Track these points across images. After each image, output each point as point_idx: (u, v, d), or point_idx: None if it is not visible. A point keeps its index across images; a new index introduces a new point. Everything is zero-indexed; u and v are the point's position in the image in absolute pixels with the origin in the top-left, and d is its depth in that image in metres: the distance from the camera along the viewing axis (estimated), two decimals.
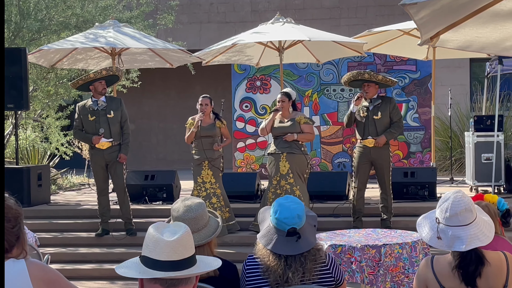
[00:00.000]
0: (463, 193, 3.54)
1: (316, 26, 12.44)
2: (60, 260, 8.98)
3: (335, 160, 13.66)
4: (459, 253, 3.47)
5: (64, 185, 14.04)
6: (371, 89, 8.96)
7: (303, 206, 3.82)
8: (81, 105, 9.32)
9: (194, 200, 3.75)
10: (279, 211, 3.74)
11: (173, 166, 15.40)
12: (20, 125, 13.73)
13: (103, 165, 9.21)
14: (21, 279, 2.87)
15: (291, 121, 8.86)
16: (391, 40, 11.80)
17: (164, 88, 19.64)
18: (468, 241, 3.43)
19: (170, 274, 2.60)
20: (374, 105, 8.96)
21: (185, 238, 2.65)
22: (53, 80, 13.42)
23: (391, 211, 9.08)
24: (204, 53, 11.19)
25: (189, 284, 2.67)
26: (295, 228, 3.71)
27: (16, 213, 2.95)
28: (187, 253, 2.64)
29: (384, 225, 8.87)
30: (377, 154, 8.91)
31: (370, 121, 8.94)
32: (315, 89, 13.74)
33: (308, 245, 3.73)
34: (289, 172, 8.78)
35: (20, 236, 2.94)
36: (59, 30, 12.68)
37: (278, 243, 3.72)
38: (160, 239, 2.63)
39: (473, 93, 16.61)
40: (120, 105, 9.31)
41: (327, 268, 3.82)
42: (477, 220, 3.49)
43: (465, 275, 3.46)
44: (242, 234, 9.04)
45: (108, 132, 9.13)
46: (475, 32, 4.13)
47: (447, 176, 13.17)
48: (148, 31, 13.41)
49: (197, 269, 2.66)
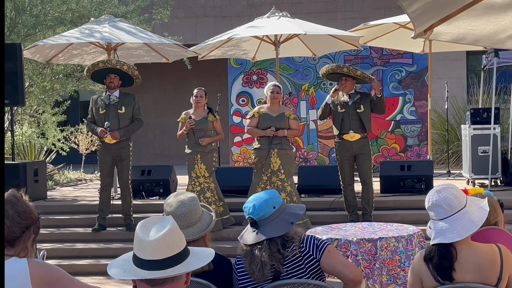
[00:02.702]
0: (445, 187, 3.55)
1: (312, 19, 12.43)
2: (57, 256, 8.98)
3: (332, 154, 13.64)
4: (431, 246, 3.57)
5: (61, 180, 14.03)
6: (349, 83, 8.92)
7: (268, 199, 3.84)
8: (95, 98, 9.40)
9: (187, 195, 3.74)
10: (247, 201, 3.92)
11: (169, 161, 15.42)
12: (16, 121, 13.71)
13: (110, 159, 9.22)
14: (21, 278, 2.86)
15: (281, 115, 8.82)
16: (387, 34, 11.79)
17: (161, 83, 19.62)
18: (435, 235, 3.51)
19: (153, 274, 2.56)
20: (354, 100, 8.92)
21: (168, 237, 2.59)
22: (49, 75, 13.39)
23: (372, 204, 9.02)
24: (200, 47, 11.18)
25: (177, 282, 2.63)
26: (252, 218, 3.81)
27: (28, 210, 2.99)
28: (170, 252, 2.58)
29: (365, 219, 8.83)
30: (359, 148, 8.90)
31: (352, 116, 8.89)
32: (312, 83, 13.72)
33: (262, 236, 3.77)
34: (280, 168, 8.76)
35: (25, 232, 2.95)
36: (54, 25, 12.65)
37: (244, 233, 3.90)
38: (142, 238, 2.59)
39: (469, 86, 16.61)
40: (133, 101, 9.32)
41: (307, 251, 3.79)
42: (454, 216, 3.50)
43: (439, 268, 3.51)
44: (239, 229, 9.01)
45: (116, 127, 9.13)
46: (469, 25, 4.12)
47: (444, 169, 13.18)
48: (144, 25, 13.38)
49: (183, 268, 2.60)
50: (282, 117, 8.80)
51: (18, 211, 2.95)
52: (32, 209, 3.01)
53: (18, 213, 2.95)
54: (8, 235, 2.92)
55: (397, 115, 13.43)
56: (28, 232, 2.97)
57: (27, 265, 2.90)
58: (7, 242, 2.93)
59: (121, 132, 9.12)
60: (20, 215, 2.95)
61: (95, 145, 15.05)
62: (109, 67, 9.24)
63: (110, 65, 9.26)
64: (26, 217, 2.97)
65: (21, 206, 2.97)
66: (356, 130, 8.86)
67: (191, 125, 9.00)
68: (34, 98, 13.61)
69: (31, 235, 2.99)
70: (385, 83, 13.47)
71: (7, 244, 2.93)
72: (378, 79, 13.46)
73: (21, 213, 2.96)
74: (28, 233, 2.97)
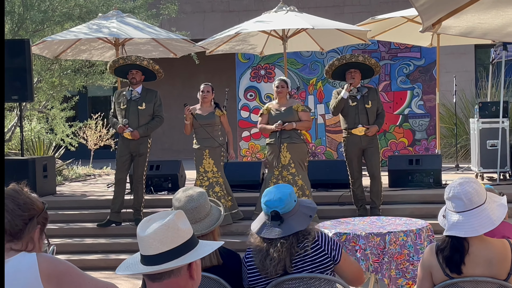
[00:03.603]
0: (463, 182, 3.54)
1: (319, 14, 12.42)
2: (66, 251, 9.02)
3: (340, 148, 13.63)
4: (444, 237, 3.54)
5: (69, 176, 14.07)
6: (357, 75, 8.91)
7: (289, 192, 3.83)
8: (118, 93, 9.48)
9: (195, 190, 3.75)
10: (265, 195, 3.86)
11: (178, 156, 15.42)
12: (25, 117, 13.75)
13: (127, 154, 9.26)
14: (30, 273, 2.86)
15: (289, 109, 8.82)
16: (395, 27, 11.75)
17: (169, 78, 19.54)
18: (450, 226, 3.49)
19: (147, 269, 2.57)
20: (362, 94, 8.91)
21: (160, 232, 2.58)
22: (57, 71, 13.43)
23: (380, 198, 9.02)
24: (208, 42, 11.18)
25: (174, 277, 2.61)
26: (277, 212, 3.76)
27: (29, 202, 2.99)
28: (164, 247, 2.57)
29: (374, 213, 8.83)
30: (367, 142, 8.90)
31: (361, 110, 8.88)
32: (320, 78, 13.71)
33: (289, 230, 3.75)
34: (290, 162, 8.76)
35: (28, 224, 2.95)
36: (62, 21, 12.67)
37: (262, 227, 3.82)
38: (138, 234, 2.62)
39: (478, 79, 16.56)
40: (155, 98, 9.34)
41: (320, 247, 3.80)
42: (473, 211, 3.49)
43: (449, 261, 3.50)
44: (247, 223, 9.00)
45: (136, 124, 9.16)
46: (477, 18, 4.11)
47: (452, 163, 13.15)
48: (152, 21, 13.39)
49: (176, 263, 2.59)
50: (290, 110, 8.80)
51: (19, 203, 2.96)
52: (34, 201, 3.02)
53: (19, 205, 2.96)
54: (11, 228, 2.93)
55: (405, 109, 13.41)
56: (31, 223, 2.97)
57: (36, 260, 2.90)
58: (11, 236, 2.93)
59: (141, 131, 9.18)
60: (20, 207, 2.96)
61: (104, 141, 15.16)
62: (129, 63, 9.29)
63: (129, 61, 9.32)
64: (28, 209, 2.98)
65: (22, 198, 2.98)
66: (364, 125, 8.85)
67: (189, 111, 9.04)
68: (43, 94, 13.64)
69: (35, 226, 2.99)
70: (393, 77, 13.45)
71: (12, 238, 2.93)
72: (386, 73, 13.45)
73: (22, 205, 2.97)
74: (32, 224, 2.97)
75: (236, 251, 3.95)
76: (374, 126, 8.87)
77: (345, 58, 8.92)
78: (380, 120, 9.00)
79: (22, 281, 2.85)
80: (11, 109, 14.05)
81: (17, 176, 4.58)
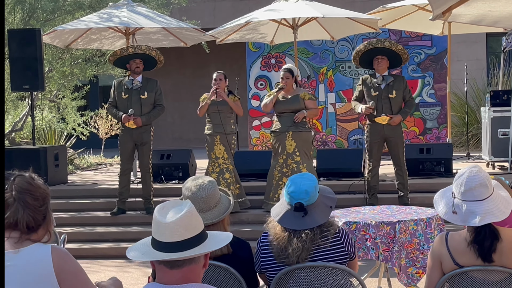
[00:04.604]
0: (479, 168, 3.53)
1: (330, 2, 12.36)
2: (78, 239, 9.07)
3: (351, 137, 13.64)
4: (473, 228, 3.48)
5: (81, 165, 14.14)
6: (384, 62, 8.85)
7: (314, 183, 3.83)
8: (117, 82, 9.42)
9: (205, 179, 3.76)
10: (290, 184, 3.84)
11: (188, 145, 15.46)
12: (36, 106, 13.80)
13: (131, 144, 9.27)
14: (43, 264, 2.84)
15: (295, 97, 8.83)
16: (406, 16, 11.70)
17: (179, 67, 19.64)
18: (482, 216, 3.43)
19: (170, 256, 2.59)
20: (387, 83, 8.86)
21: (185, 219, 2.62)
22: (68, 60, 13.46)
23: (407, 187, 9.05)
24: (218, 31, 11.18)
25: (195, 264, 2.66)
26: (302, 204, 3.76)
27: (44, 193, 2.93)
28: (188, 234, 2.61)
29: (402, 201, 8.84)
30: (391, 131, 8.84)
31: (384, 99, 8.84)
32: (330, 66, 13.68)
33: (313, 223, 3.76)
34: (295, 151, 8.76)
35: (46, 216, 2.92)
36: (73, 10, 12.69)
37: (285, 216, 3.81)
38: (160, 221, 2.62)
39: (489, 68, 16.48)
40: (156, 87, 9.35)
41: (340, 242, 3.84)
42: (493, 195, 3.48)
43: (481, 250, 3.46)
44: (257, 212, 9.06)
45: (139, 113, 9.17)
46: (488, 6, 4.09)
47: (463, 152, 13.12)
48: (162, 10, 13.39)
49: (200, 250, 2.63)
50: (297, 98, 8.79)
51: (37, 197, 2.89)
52: (40, 185, 2.93)
53: (37, 199, 2.89)
54: (32, 223, 2.87)
55: (416, 97, 13.36)
56: (48, 214, 2.93)
57: (51, 253, 2.86)
58: (29, 229, 2.87)
59: (144, 118, 9.17)
60: (37, 200, 2.89)
61: (115, 130, 15.19)
62: (139, 52, 9.29)
63: (140, 50, 9.29)
64: (44, 202, 2.92)
65: (38, 191, 2.91)
66: (388, 114, 8.79)
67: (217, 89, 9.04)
68: (54, 83, 13.68)
69: (51, 214, 2.95)
70: (404, 66, 13.36)
71: (29, 231, 2.87)
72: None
73: (40, 199, 2.90)
74: (49, 214, 2.93)
75: (246, 240, 3.96)
76: (397, 116, 8.79)
77: (371, 43, 8.85)
78: (406, 109, 8.88)
79: (35, 272, 2.83)
80: (23, 99, 14.10)
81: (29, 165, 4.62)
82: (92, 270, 7.94)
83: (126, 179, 9.42)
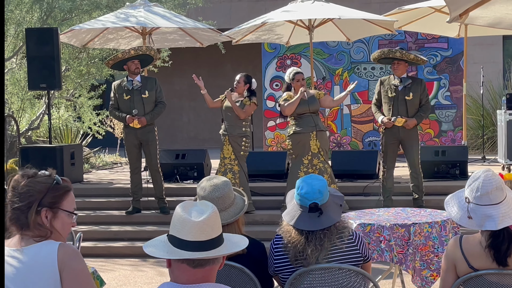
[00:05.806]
0: (493, 172, 3.53)
1: (346, 4, 12.35)
2: (93, 238, 9.12)
3: (366, 139, 13.62)
4: (490, 232, 3.46)
5: (96, 163, 14.20)
6: (401, 67, 8.86)
7: (325, 183, 3.86)
8: (117, 84, 9.44)
9: (220, 179, 3.77)
10: (301, 187, 3.84)
11: (204, 145, 15.49)
12: (53, 105, 13.88)
13: (136, 144, 9.32)
14: (48, 260, 2.84)
15: (312, 97, 8.91)
16: (422, 18, 11.67)
17: (195, 67, 19.65)
18: (500, 219, 3.42)
19: (197, 255, 2.59)
20: (405, 85, 8.85)
21: (212, 218, 2.63)
22: (85, 59, 13.53)
23: (422, 189, 9.03)
24: (234, 32, 11.20)
25: (216, 264, 2.67)
26: (317, 204, 3.77)
27: (29, 190, 2.89)
28: (214, 233, 2.62)
29: (417, 204, 8.82)
30: (406, 134, 8.83)
31: (401, 101, 8.83)
32: (346, 68, 13.67)
33: (329, 221, 3.77)
34: (320, 150, 8.82)
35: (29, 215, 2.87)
36: (90, 10, 12.75)
37: (300, 219, 3.80)
38: (187, 219, 2.62)
39: (506, 70, 16.39)
40: (155, 85, 9.39)
41: (354, 244, 3.85)
42: (507, 198, 3.48)
43: (498, 254, 3.45)
44: (272, 213, 9.08)
45: (142, 112, 9.21)
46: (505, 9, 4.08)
47: (479, 155, 13.06)
48: (178, 10, 13.43)
49: (225, 250, 2.64)
50: (314, 98, 8.92)
51: (17, 195, 2.89)
52: (32, 186, 2.89)
53: (17, 196, 2.88)
54: (17, 222, 2.89)
55: (432, 100, 13.33)
56: (30, 212, 2.87)
57: (57, 250, 2.85)
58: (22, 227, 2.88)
59: (147, 117, 9.21)
60: (20, 198, 2.87)
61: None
62: (140, 54, 9.32)
63: (141, 51, 9.32)
64: (28, 199, 2.87)
65: (22, 188, 2.89)
66: (403, 116, 8.78)
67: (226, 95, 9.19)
68: (71, 82, 13.76)
69: (37, 212, 2.88)
70: (419, 68, 13.36)
71: (21, 229, 2.88)
72: None
73: (21, 197, 2.88)
74: (30, 212, 2.87)
75: (260, 240, 3.97)
76: (412, 119, 8.77)
77: (383, 53, 8.91)
78: (421, 113, 8.86)
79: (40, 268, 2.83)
80: (39, 97, 14.19)
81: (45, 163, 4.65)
82: (107, 269, 7.98)
83: (137, 178, 9.47)
